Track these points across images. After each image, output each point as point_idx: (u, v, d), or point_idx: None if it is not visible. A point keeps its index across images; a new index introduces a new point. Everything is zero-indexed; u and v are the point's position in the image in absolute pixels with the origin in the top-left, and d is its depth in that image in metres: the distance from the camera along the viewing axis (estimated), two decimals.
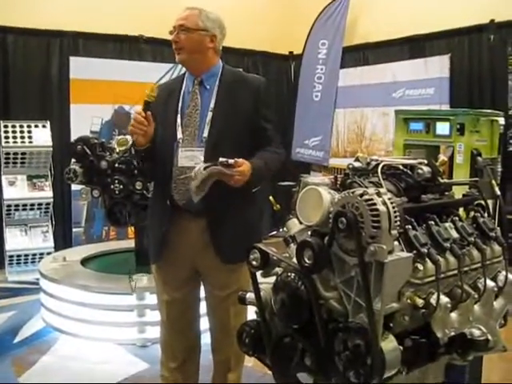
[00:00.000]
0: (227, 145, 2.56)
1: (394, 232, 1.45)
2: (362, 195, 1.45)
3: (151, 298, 3.83)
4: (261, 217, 2.83)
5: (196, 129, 2.62)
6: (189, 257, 2.68)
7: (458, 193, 1.98)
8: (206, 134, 2.60)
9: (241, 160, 2.40)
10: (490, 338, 1.68)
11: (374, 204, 1.43)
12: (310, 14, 7.64)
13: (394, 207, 1.45)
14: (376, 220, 1.42)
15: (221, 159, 2.35)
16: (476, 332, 1.67)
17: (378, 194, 1.46)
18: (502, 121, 5.03)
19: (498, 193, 2.16)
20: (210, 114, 2.62)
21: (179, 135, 2.62)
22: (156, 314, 2.94)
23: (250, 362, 2.90)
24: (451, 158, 4.83)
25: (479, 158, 4.60)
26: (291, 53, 8.44)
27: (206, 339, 2.87)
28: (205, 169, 2.33)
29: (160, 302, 2.84)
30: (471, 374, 2.18)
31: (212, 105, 2.63)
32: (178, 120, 2.64)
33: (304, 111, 7.75)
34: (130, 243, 5.25)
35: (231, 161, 2.36)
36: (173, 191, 2.62)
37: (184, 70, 2.79)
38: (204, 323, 2.89)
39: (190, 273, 2.74)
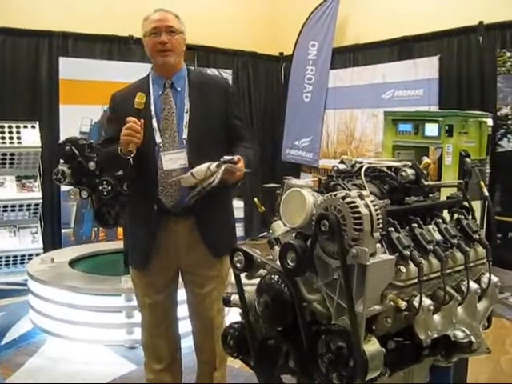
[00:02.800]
0: (207, 144, 2.59)
1: (377, 234, 1.45)
2: (344, 198, 1.45)
3: None
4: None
5: (175, 131, 2.62)
6: (175, 258, 2.69)
7: (447, 194, 1.98)
8: (185, 136, 2.61)
9: (239, 156, 2.43)
10: (473, 339, 1.69)
11: (356, 206, 1.43)
12: (300, 15, 7.63)
13: (376, 209, 1.46)
14: (358, 223, 1.42)
15: (225, 157, 2.36)
16: (459, 334, 1.68)
17: (361, 197, 1.46)
18: (490, 122, 5.05)
19: (487, 194, 2.16)
20: (186, 116, 2.63)
21: (158, 139, 2.61)
22: None
23: (237, 363, 2.90)
24: (440, 160, 4.85)
25: (467, 159, 4.61)
26: (281, 54, 8.43)
27: (190, 341, 2.90)
28: (217, 166, 2.32)
29: (142, 306, 2.84)
30: (456, 375, 2.18)
31: (187, 107, 2.64)
32: (155, 124, 2.62)
33: (294, 112, 7.75)
34: (118, 244, 5.24)
35: (235, 158, 2.38)
36: (160, 194, 2.61)
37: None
38: (186, 325, 2.90)
39: (172, 274, 2.77)
